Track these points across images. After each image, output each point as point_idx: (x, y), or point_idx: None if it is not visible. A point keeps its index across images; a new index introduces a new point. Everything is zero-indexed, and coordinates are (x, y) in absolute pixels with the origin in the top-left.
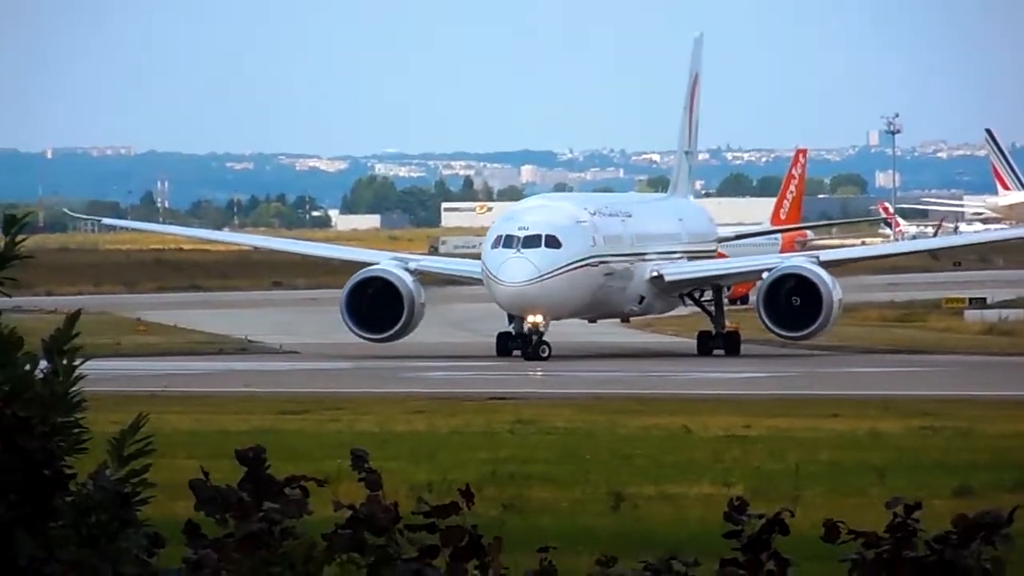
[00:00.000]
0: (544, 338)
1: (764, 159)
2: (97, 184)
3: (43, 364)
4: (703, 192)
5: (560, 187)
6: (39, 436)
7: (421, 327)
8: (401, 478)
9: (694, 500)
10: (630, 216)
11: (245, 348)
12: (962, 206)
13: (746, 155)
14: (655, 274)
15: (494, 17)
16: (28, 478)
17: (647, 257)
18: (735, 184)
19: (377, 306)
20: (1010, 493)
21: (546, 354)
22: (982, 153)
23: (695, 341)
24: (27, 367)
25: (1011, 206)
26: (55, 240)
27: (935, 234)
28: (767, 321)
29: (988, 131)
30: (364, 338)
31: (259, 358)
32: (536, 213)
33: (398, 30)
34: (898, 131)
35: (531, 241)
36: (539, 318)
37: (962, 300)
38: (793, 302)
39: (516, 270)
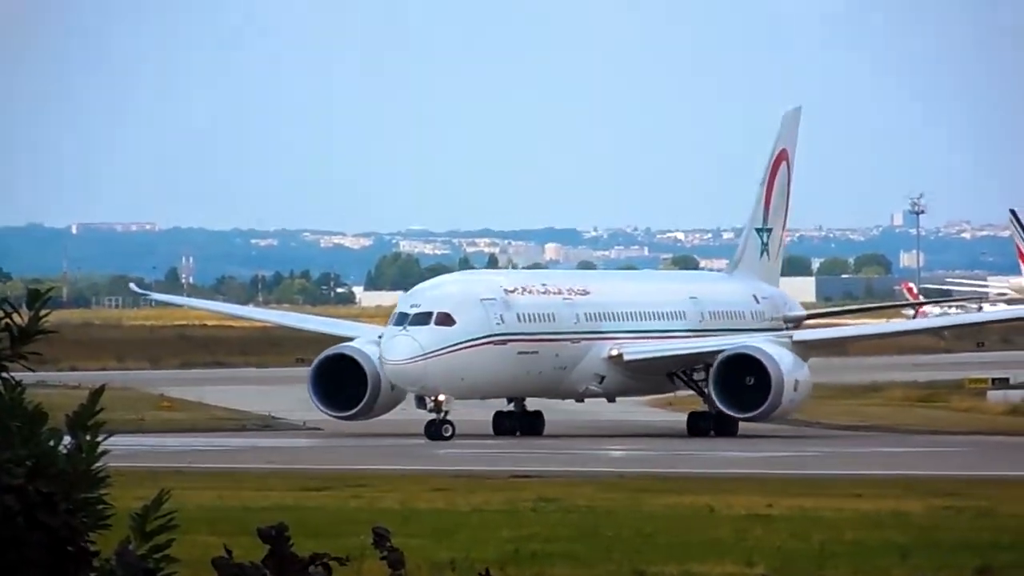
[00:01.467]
0: (448, 417)
1: (789, 238)
2: (122, 260)
3: (67, 439)
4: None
5: (585, 264)
6: (63, 513)
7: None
8: (423, 556)
9: None
10: (586, 294)
11: (268, 424)
12: (986, 287)
13: None
14: (615, 353)
15: (519, 95)
16: (52, 555)
17: (608, 335)
18: None
19: (345, 383)
20: None
21: (449, 434)
22: (1006, 234)
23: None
24: (51, 443)
25: None
26: (79, 315)
27: (914, 316)
28: (718, 401)
29: (1012, 211)
30: (329, 415)
31: (282, 434)
32: (435, 290)
33: (423, 107)
34: (922, 211)
35: (420, 319)
36: (441, 397)
37: (985, 380)
38: (747, 382)
39: (399, 348)
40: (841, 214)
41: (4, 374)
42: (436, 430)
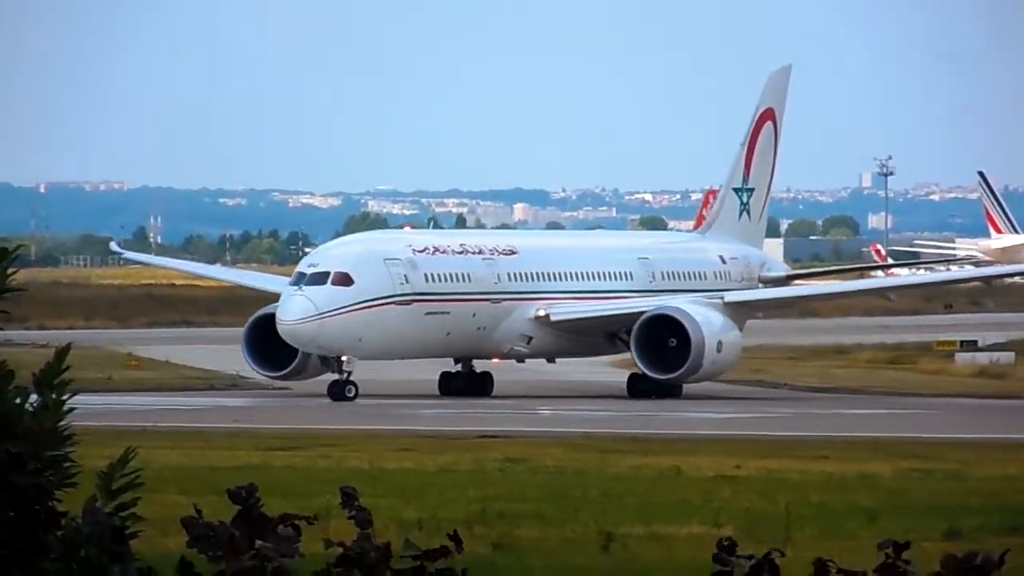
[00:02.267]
0: (351, 378)
1: None
2: (90, 219)
3: (33, 398)
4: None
5: (553, 225)
6: (31, 473)
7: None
8: (390, 516)
9: (684, 540)
10: (513, 254)
11: (236, 384)
12: (954, 249)
13: None
14: (542, 313)
15: (487, 57)
16: (19, 514)
17: (536, 296)
18: None
19: (280, 343)
20: (999, 536)
21: (352, 394)
22: (975, 196)
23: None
24: (17, 400)
25: (1003, 249)
26: (47, 274)
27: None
28: (640, 363)
29: (981, 174)
30: (263, 375)
31: (250, 394)
32: (336, 250)
33: (392, 67)
34: (891, 173)
35: (317, 278)
36: (344, 357)
37: (953, 343)
38: (670, 343)
39: (292, 308)
40: (809, 175)
41: None
42: (339, 391)
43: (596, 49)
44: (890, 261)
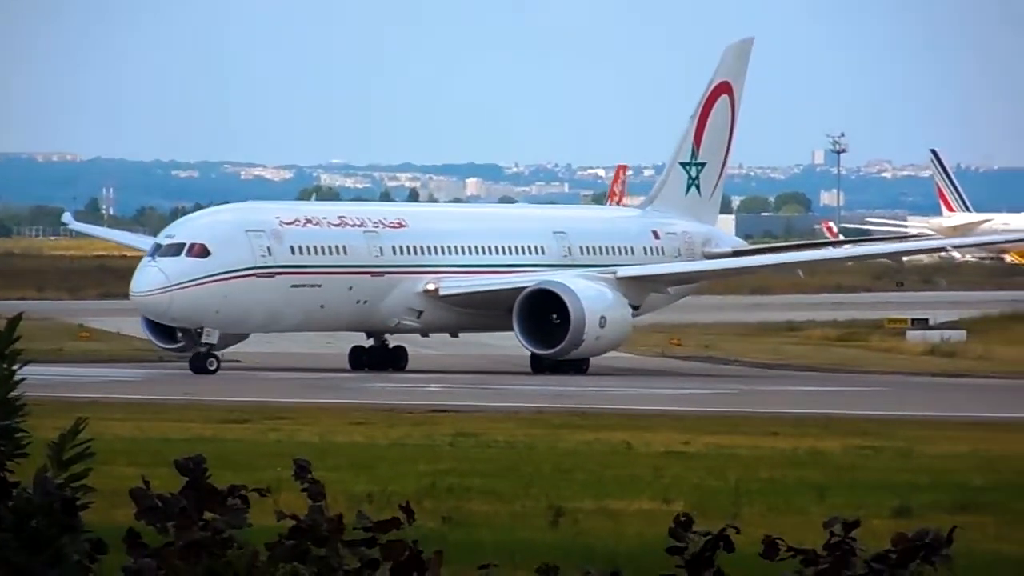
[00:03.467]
0: (214, 352)
1: None
2: (43, 189)
3: None
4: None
5: (505, 200)
6: None
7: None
8: (340, 489)
9: (634, 515)
10: (401, 227)
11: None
12: (906, 227)
13: None
14: (431, 287)
15: (440, 31)
16: None
17: (425, 269)
18: None
19: None
20: (949, 514)
21: (214, 367)
22: (927, 174)
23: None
24: None
25: (955, 227)
26: None
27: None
28: (520, 337)
29: (933, 152)
30: (160, 347)
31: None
32: (195, 221)
33: (344, 41)
34: (843, 150)
35: (171, 250)
36: (205, 329)
37: (904, 320)
38: (553, 319)
39: (143, 280)
40: (762, 152)
41: None
42: (200, 363)
43: (551, 23)
44: (842, 238)
